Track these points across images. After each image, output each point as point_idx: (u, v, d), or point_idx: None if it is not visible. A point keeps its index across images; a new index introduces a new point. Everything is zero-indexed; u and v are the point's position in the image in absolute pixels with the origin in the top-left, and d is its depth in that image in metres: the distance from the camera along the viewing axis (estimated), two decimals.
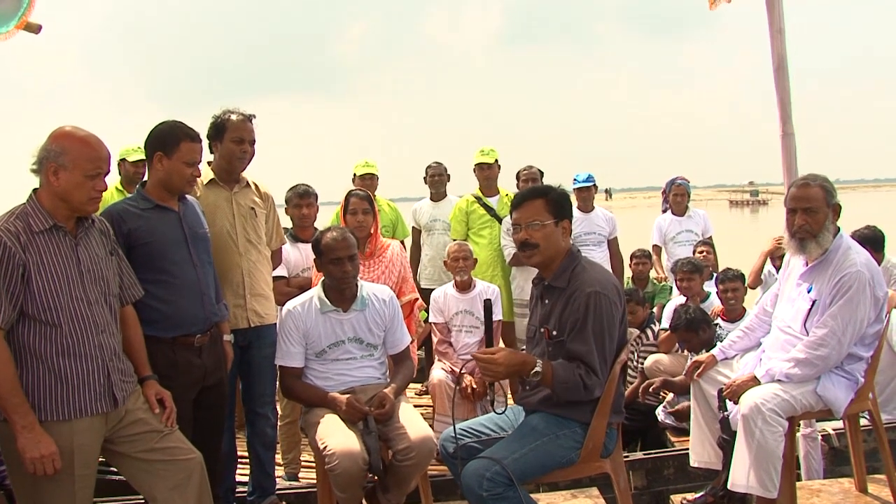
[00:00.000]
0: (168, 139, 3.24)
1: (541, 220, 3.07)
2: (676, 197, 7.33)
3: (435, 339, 5.34)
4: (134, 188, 6.06)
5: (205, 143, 3.48)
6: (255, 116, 3.70)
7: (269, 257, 3.91)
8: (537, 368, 2.88)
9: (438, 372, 5.09)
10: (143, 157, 6.11)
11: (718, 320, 5.20)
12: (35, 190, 2.75)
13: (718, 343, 3.91)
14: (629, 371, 5.71)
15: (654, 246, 7.35)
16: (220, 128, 3.64)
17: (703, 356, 3.79)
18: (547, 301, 3.13)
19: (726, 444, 3.47)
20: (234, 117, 3.64)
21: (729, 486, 3.29)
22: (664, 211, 7.61)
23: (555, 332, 3.02)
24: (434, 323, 5.33)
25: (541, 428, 2.99)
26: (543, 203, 3.10)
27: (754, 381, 3.32)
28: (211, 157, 3.71)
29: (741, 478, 3.20)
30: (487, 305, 3.16)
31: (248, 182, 3.80)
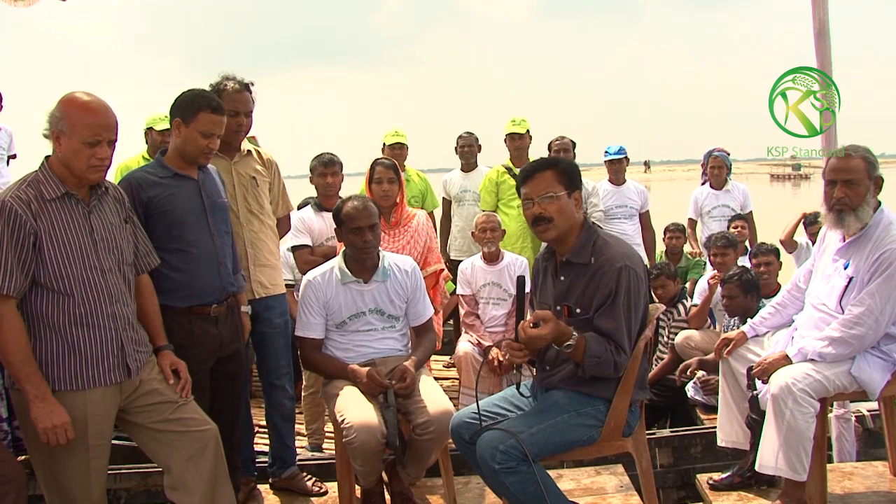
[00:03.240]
0: (188, 107, 3.17)
1: (554, 192, 2.90)
2: (714, 170, 7.14)
3: (462, 312, 5.29)
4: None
5: None
6: (253, 84, 3.60)
7: (275, 226, 3.83)
8: (571, 341, 2.76)
9: (465, 344, 5.05)
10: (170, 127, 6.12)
11: None
12: (48, 157, 2.71)
13: (749, 319, 3.79)
14: (660, 347, 5.62)
15: (690, 219, 7.20)
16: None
17: (732, 333, 3.67)
18: (563, 277, 2.99)
19: (755, 424, 3.37)
20: (230, 86, 3.54)
21: (757, 468, 3.20)
22: (703, 184, 7.43)
23: (578, 310, 2.90)
24: (461, 295, 5.27)
25: (562, 403, 2.90)
26: (554, 174, 2.93)
27: (785, 360, 3.21)
28: None
29: (769, 459, 3.10)
30: (520, 282, 2.99)
31: (248, 150, 3.72)
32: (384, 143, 6.17)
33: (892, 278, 3.10)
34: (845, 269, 3.26)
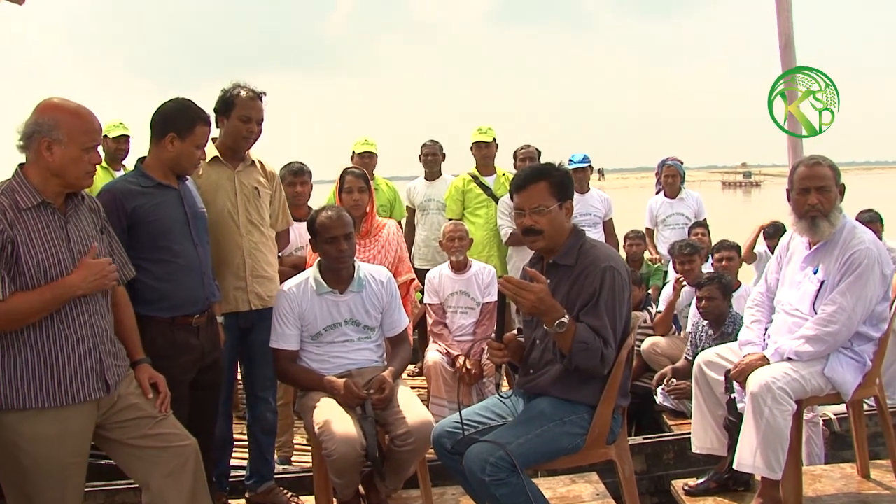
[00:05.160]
0: (183, 121, 3.12)
1: (545, 205, 2.95)
2: (668, 178, 7.26)
3: (430, 321, 5.27)
4: (118, 165, 6.00)
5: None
6: (265, 94, 3.58)
7: (274, 238, 3.80)
8: (564, 319, 2.78)
9: (433, 354, 5.03)
10: (125, 133, 6.04)
11: None
12: (21, 165, 2.62)
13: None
14: None
15: (647, 228, 7.31)
16: (228, 103, 3.52)
17: (750, 358, 3.36)
18: (549, 280, 3.01)
19: (732, 427, 3.41)
20: (243, 94, 3.52)
21: (735, 466, 3.23)
22: (657, 192, 7.54)
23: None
24: (429, 304, 5.25)
25: (548, 412, 2.91)
26: (547, 186, 2.98)
27: (762, 361, 3.27)
28: (216, 133, 3.58)
29: (747, 457, 3.14)
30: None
31: (253, 161, 3.69)
32: (353, 152, 6.13)
33: (861, 277, 3.20)
34: (815, 274, 3.34)
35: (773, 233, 6.35)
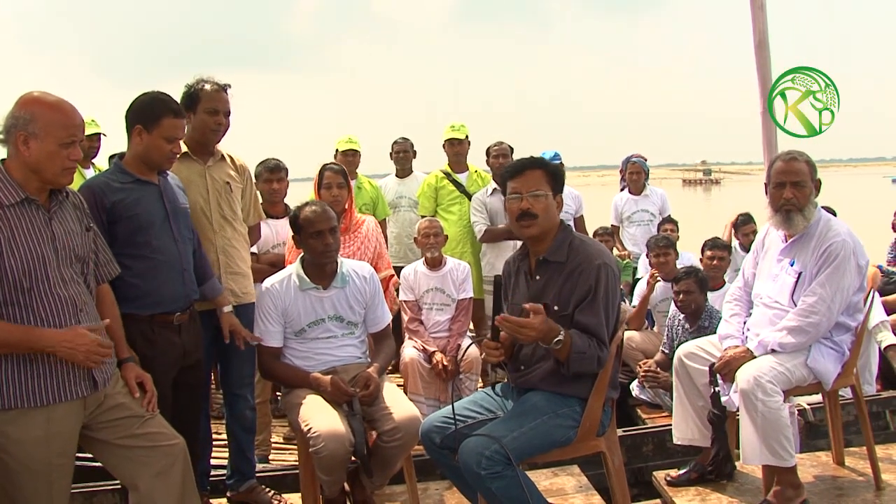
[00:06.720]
0: (150, 113, 3.08)
1: (543, 191, 2.98)
2: (632, 175, 7.33)
3: (405, 318, 5.26)
4: (88, 163, 5.87)
5: None
6: (230, 86, 3.54)
7: (246, 234, 3.76)
8: (560, 337, 2.78)
9: (410, 350, 5.02)
10: (97, 131, 5.92)
11: None
12: (3, 160, 2.56)
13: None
14: None
15: (613, 225, 7.38)
16: (193, 98, 3.47)
17: (734, 351, 3.39)
18: (539, 277, 3.04)
19: (716, 420, 3.45)
20: (207, 87, 3.47)
21: (743, 462, 3.29)
22: (622, 189, 7.61)
23: (556, 307, 2.92)
24: (405, 301, 5.24)
25: (541, 405, 2.91)
26: (543, 174, 3.01)
27: (746, 353, 3.31)
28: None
29: (753, 452, 3.17)
30: (497, 282, 3.00)
31: (222, 155, 3.64)
32: (337, 149, 6.10)
33: (838, 268, 3.27)
34: (791, 266, 3.40)
35: (744, 221, 6.47)
